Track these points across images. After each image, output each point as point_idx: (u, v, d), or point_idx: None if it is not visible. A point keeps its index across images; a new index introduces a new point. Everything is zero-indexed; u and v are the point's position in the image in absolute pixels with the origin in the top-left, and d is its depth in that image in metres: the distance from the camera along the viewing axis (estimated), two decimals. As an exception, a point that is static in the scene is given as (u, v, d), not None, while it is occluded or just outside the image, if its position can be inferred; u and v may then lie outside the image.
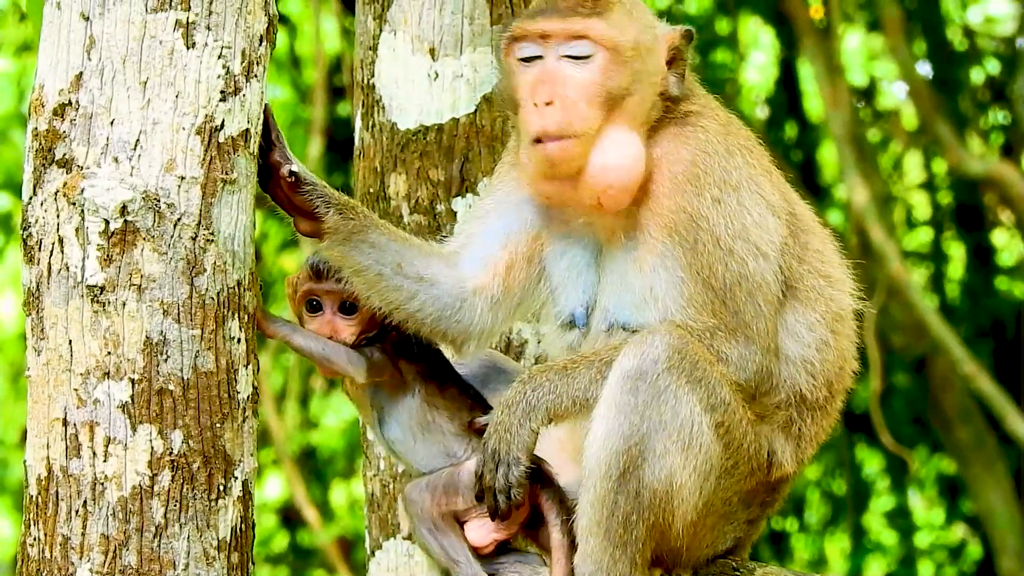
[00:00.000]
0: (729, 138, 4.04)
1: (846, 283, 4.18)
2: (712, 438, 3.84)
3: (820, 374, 4.05)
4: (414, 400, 4.05)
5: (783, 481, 4.08)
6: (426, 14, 4.88)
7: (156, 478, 3.67)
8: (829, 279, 4.13)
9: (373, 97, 4.96)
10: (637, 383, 3.80)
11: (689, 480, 3.83)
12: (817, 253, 4.15)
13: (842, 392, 4.15)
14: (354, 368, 4.02)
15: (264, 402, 9.59)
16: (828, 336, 4.07)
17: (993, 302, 12.59)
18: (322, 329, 4.03)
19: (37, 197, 3.73)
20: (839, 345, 4.10)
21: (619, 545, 3.82)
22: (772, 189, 4.08)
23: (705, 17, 12.49)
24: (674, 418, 3.81)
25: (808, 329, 4.05)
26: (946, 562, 13.24)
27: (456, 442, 4.04)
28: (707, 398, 3.84)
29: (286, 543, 13.89)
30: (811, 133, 13.04)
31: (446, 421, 4.04)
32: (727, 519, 4.01)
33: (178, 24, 3.71)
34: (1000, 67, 12.71)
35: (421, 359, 4.10)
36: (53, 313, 3.69)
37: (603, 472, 3.80)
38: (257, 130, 3.86)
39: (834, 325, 4.08)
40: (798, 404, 4.03)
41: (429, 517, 4.00)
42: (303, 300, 4.06)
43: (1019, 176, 10.75)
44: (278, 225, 12.89)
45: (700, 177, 3.96)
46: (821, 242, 4.20)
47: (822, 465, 13.47)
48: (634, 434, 3.79)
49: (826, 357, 4.06)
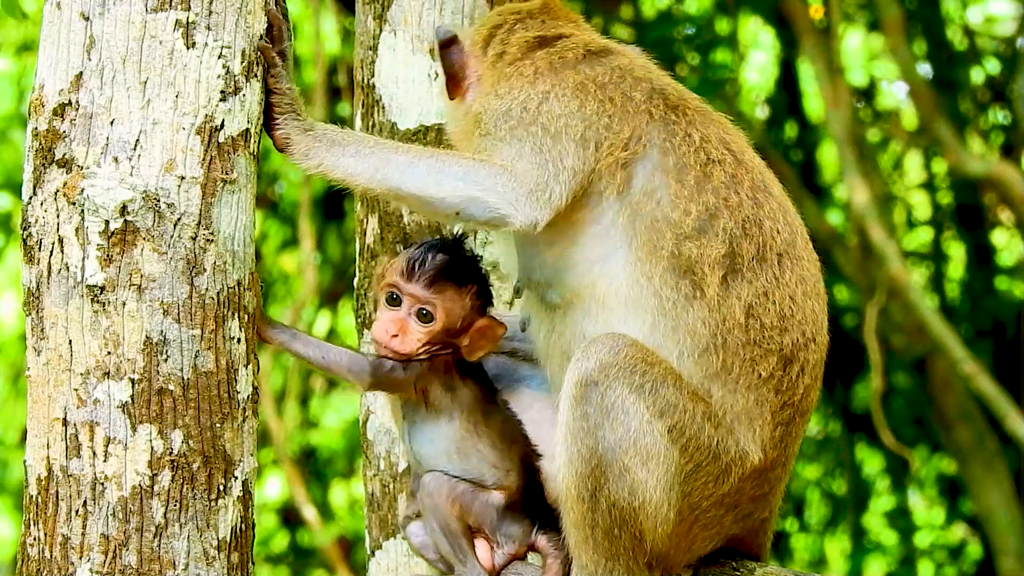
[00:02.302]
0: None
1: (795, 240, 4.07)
2: (667, 444, 3.84)
3: (754, 342, 3.93)
4: (451, 425, 4.01)
5: (763, 471, 3.99)
6: (426, 14, 4.88)
7: (156, 478, 3.67)
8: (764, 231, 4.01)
9: (373, 97, 4.96)
10: (584, 407, 3.83)
11: (655, 493, 3.84)
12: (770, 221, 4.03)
13: (796, 364, 3.98)
14: (354, 376, 3.99)
15: (264, 402, 9.60)
16: (773, 299, 3.97)
17: (993, 302, 12.58)
18: (393, 325, 3.97)
19: (37, 197, 3.73)
20: (784, 309, 3.98)
21: (610, 556, 3.87)
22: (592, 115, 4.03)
23: (705, 17, 12.48)
24: (626, 433, 3.82)
25: (748, 283, 3.96)
26: (946, 562, 13.23)
27: (490, 471, 4.03)
28: (654, 404, 3.83)
29: (286, 543, 13.87)
30: (811, 133, 13.03)
31: (488, 450, 4.02)
32: (711, 522, 3.98)
33: (178, 24, 3.71)
34: (1000, 67, 12.70)
35: (470, 385, 4.06)
36: (53, 313, 3.69)
37: (575, 495, 3.85)
38: (257, 130, 3.86)
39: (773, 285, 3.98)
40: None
41: (444, 515, 4.00)
42: (385, 290, 4.01)
43: (1019, 176, 10.73)
44: (278, 225, 12.90)
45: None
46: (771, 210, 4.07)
47: (822, 465, 13.47)
48: (592, 456, 3.83)
49: (766, 323, 3.95)
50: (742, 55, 12.49)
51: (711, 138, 4.03)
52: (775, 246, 3.99)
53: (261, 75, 3.86)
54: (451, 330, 4.00)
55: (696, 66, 11.80)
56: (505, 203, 3.89)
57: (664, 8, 12.57)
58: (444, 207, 3.92)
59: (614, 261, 3.96)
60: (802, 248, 4.07)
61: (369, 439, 4.92)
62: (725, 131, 4.11)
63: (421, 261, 3.99)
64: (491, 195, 3.89)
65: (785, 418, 3.98)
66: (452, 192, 3.90)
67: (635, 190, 3.96)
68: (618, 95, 4.03)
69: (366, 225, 4.95)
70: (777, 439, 3.97)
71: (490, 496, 4.00)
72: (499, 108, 4.02)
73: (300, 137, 3.93)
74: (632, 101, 4.02)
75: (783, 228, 4.03)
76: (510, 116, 3.99)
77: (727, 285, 3.93)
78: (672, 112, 4.04)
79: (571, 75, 4.06)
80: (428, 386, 4.01)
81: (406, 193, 3.93)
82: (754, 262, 3.96)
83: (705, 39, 12.10)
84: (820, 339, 4.06)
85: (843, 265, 11.35)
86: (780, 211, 4.05)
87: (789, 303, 3.98)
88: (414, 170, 3.92)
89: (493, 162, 3.93)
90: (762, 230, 3.99)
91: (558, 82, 4.04)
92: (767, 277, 3.97)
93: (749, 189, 4.01)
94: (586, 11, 12.29)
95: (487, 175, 3.91)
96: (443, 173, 3.91)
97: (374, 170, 3.92)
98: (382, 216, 4.89)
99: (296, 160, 3.95)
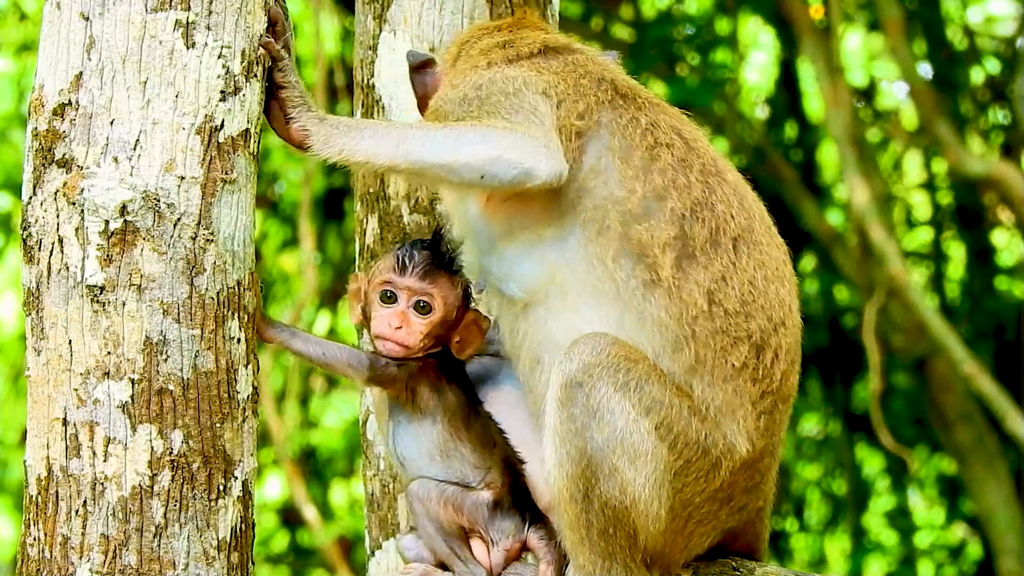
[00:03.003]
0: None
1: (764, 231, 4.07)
2: (655, 442, 3.84)
3: (721, 330, 3.91)
4: (435, 427, 4.04)
5: (752, 462, 3.97)
6: (426, 14, 4.88)
7: (156, 478, 3.67)
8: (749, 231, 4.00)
9: (373, 97, 4.95)
10: (570, 409, 3.83)
11: (645, 490, 3.84)
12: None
13: (769, 351, 3.96)
14: (354, 371, 4.02)
15: (264, 402, 9.60)
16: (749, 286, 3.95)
17: (993, 302, 12.58)
18: (395, 318, 3.99)
19: (37, 197, 3.73)
20: (744, 294, 3.95)
21: (607, 556, 3.88)
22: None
23: (705, 17, 12.48)
24: (613, 433, 3.82)
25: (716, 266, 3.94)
26: (946, 562, 13.23)
27: (472, 472, 4.05)
28: (640, 401, 3.83)
29: (286, 543, 13.88)
30: (811, 133, 13.04)
31: (469, 452, 4.04)
32: (705, 518, 3.97)
33: (178, 24, 3.71)
34: (1000, 67, 12.70)
35: (454, 389, 4.08)
36: (53, 313, 3.69)
37: (567, 497, 3.86)
38: (257, 130, 3.86)
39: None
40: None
41: (436, 519, 4.01)
42: (378, 289, 4.03)
43: (1019, 176, 10.73)
44: (278, 225, 12.90)
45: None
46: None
47: (822, 465, 13.47)
48: (582, 457, 3.83)
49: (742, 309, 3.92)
50: (742, 55, 12.49)
51: (660, 124, 4.04)
52: (728, 230, 3.97)
53: (261, 75, 3.86)
54: (447, 321, 4.03)
55: (696, 66, 11.80)
56: (528, 157, 3.88)
57: (664, 8, 12.57)
58: (469, 172, 3.90)
59: (569, 245, 3.95)
60: (761, 233, 4.04)
61: (369, 439, 4.92)
62: (677, 120, 4.11)
63: (410, 256, 4.02)
64: (513, 152, 3.88)
65: (767, 406, 3.97)
66: (474, 156, 3.89)
67: (585, 168, 3.97)
68: (570, 79, 4.06)
69: (366, 225, 4.95)
70: (762, 428, 3.96)
71: (479, 495, 4.02)
72: (454, 96, 4.06)
73: (317, 127, 3.93)
74: (582, 86, 4.05)
75: (738, 213, 4.00)
76: (466, 99, 4.03)
77: (682, 270, 3.90)
78: (620, 98, 4.06)
79: (524, 63, 4.11)
80: (417, 386, 4.04)
81: (430, 163, 3.92)
82: (707, 246, 3.93)
83: (705, 39, 12.11)
84: (790, 323, 4.03)
85: (843, 265, 11.36)
86: (735, 196, 4.02)
87: (749, 288, 3.95)
88: (433, 142, 3.92)
89: (498, 125, 3.94)
90: (714, 213, 3.96)
91: (511, 66, 4.09)
92: (723, 262, 3.94)
93: (699, 173, 4.00)
94: (586, 11, 12.30)
95: (501, 135, 3.91)
96: (461, 140, 3.91)
97: (395, 147, 3.92)
98: (382, 216, 4.89)
99: (317, 150, 3.94)
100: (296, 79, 3.95)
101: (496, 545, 4.03)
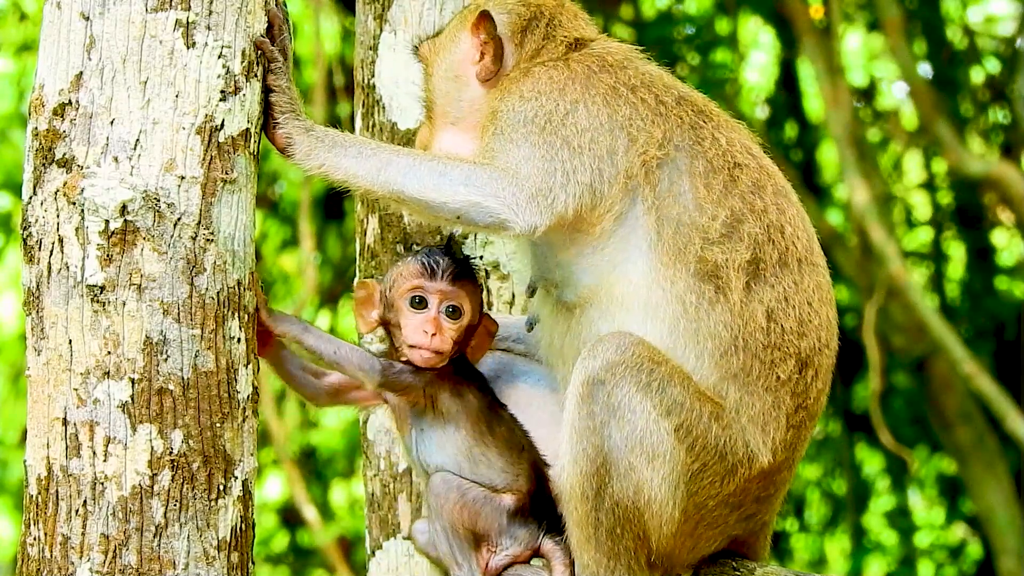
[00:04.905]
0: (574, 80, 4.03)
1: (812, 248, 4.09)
2: (674, 443, 3.84)
3: (774, 345, 3.94)
4: (459, 433, 3.99)
5: (770, 473, 4.00)
6: (426, 14, 4.88)
7: (156, 478, 3.67)
8: (784, 234, 4.02)
9: (373, 97, 4.96)
10: (590, 406, 3.83)
11: (660, 491, 3.85)
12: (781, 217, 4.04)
13: (811, 368, 3.99)
14: (364, 374, 3.97)
15: (264, 402, 9.58)
16: (793, 305, 3.98)
17: (993, 302, 12.59)
18: (429, 324, 3.94)
19: (37, 197, 3.73)
20: (803, 314, 3.99)
21: (612, 556, 3.88)
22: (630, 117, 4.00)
23: (705, 17, 12.49)
24: (633, 432, 3.82)
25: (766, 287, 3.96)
26: (946, 562, 13.24)
27: (500, 476, 4.01)
28: (661, 402, 3.83)
29: (286, 543, 13.89)
30: (811, 133, 13.04)
31: (496, 456, 4.01)
32: (716, 522, 3.98)
33: (178, 24, 3.71)
34: (1000, 67, 12.71)
35: (475, 392, 4.04)
36: (53, 313, 3.69)
37: (579, 495, 3.85)
38: (257, 130, 3.86)
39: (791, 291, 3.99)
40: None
41: (449, 519, 3.98)
42: (407, 296, 3.99)
43: (1019, 176, 10.74)
44: (278, 225, 12.90)
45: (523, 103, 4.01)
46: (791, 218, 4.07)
47: (822, 465, 13.47)
48: (598, 455, 3.83)
49: (786, 327, 3.96)
50: (742, 55, 12.49)
51: (736, 143, 4.04)
52: (795, 252, 4.02)
53: (261, 75, 3.86)
54: (472, 326, 4.02)
55: (696, 66, 11.81)
56: (506, 208, 3.88)
57: (664, 8, 12.57)
58: (445, 211, 3.90)
59: (635, 263, 3.94)
60: (817, 255, 4.10)
61: (369, 439, 4.92)
62: (747, 137, 4.13)
63: (437, 261, 3.99)
64: (492, 200, 3.88)
65: (798, 421, 3.99)
66: (453, 197, 3.88)
67: (661, 193, 3.95)
68: (651, 98, 4.02)
69: (366, 225, 4.95)
70: (788, 442, 3.98)
71: (501, 500, 3.98)
72: (522, 112, 3.98)
73: (302, 137, 3.91)
74: (664, 104, 4.02)
75: (802, 234, 4.06)
76: (531, 122, 3.96)
77: (750, 290, 3.93)
78: (700, 116, 4.04)
79: (604, 80, 4.03)
80: (437, 392, 4.00)
81: (408, 196, 3.91)
82: (777, 267, 3.98)
83: (705, 39, 12.11)
84: (833, 345, 4.09)
85: (843, 265, 11.36)
86: (799, 217, 4.08)
87: (807, 308, 4.00)
88: (416, 173, 3.91)
89: (496, 166, 3.91)
90: (784, 236, 4.01)
91: (588, 90, 4.00)
92: (788, 282, 3.98)
93: (772, 195, 4.03)
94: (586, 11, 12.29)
95: (489, 180, 3.89)
96: (445, 177, 3.90)
97: (376, 172, 3.91)
98: (382, 216, 4.89)
99: (297, 160, 3.94)
100: (288, 83, 3.93)
101: (505, 550, 4.00)
